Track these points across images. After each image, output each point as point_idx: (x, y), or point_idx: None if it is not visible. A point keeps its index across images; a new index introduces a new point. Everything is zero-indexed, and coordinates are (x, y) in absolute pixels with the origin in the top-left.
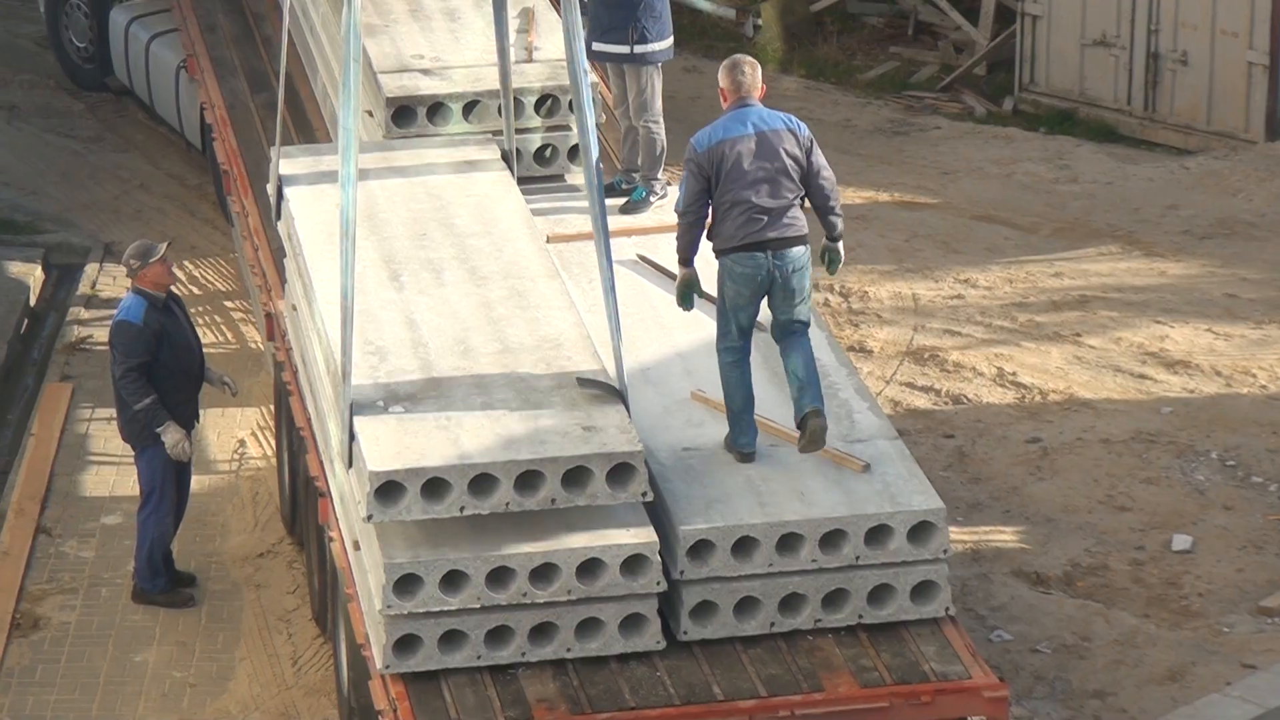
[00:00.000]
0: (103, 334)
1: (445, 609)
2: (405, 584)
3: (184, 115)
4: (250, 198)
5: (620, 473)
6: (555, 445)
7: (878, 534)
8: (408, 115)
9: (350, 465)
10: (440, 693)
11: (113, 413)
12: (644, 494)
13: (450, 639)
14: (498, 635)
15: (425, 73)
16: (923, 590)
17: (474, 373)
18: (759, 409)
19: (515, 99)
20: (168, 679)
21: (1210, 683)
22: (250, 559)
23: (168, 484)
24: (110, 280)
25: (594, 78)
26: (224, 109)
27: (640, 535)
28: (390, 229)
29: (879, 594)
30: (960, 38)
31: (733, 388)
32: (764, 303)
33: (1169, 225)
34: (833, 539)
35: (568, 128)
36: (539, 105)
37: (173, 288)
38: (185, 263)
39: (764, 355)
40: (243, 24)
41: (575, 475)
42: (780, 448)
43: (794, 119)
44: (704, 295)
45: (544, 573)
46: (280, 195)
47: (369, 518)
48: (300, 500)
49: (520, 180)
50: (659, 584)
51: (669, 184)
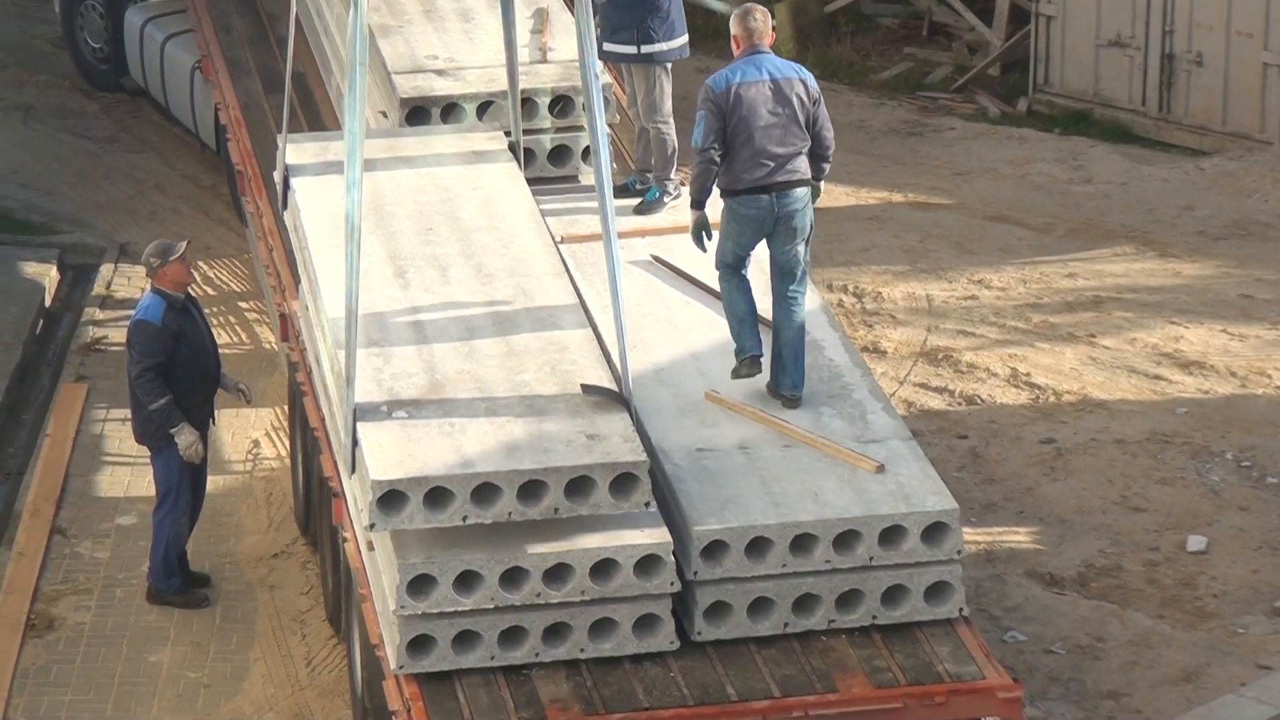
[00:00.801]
0: (118, 335)
1: (459, 609)
2: (419, 584)
3: (198, 116)
4: (264, 198)
5: (623, 482)
6: (559, 454)
7: (892, 535)
8: (422, 116)
9: (353, 471)
10: (454, 693)
11: (128, 413)
12: (646, 503)
13: (464, 639)
14: (511, 636)
15: (439, 73)
16: (937, 591)
17: (478, 376)
18: (771, 408)
19: (529, 99)
20: (182, 679)
21: (1225, 683)
22: (264, 559)
23: (183, 485)
24: (125, 281)
25: (608, 79)
26: (238, 109)
27: (654, 536)
28: (396, 222)
29: (893, 595)
30: (975, 38)
31: (735, 297)
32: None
33: (1184, 226)
34: (847, 540)
35: (581, 128)
36: (553, 106)
37: (190, 290)
38: (200, 263)
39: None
40: (257, 25)
41: (578, 484)
42: (794, 448)
43: (804, 69)
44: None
45: (558, 573)
46: (286, 184)
47: (371, 526)
48: (314, 501)
49: (534, 181)
50: (673, 584)
51: (682, 184)
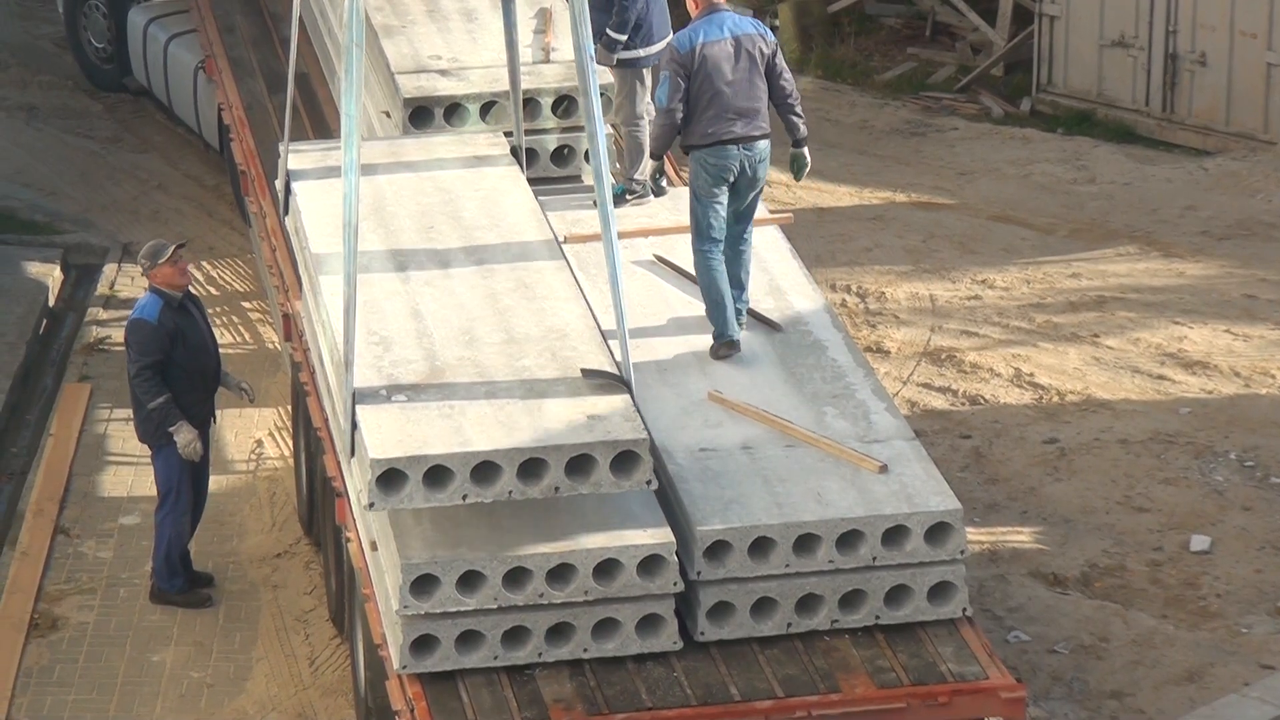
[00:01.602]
0: (121, 334)
1: (462, 609)
2: (422, 584)
3: (202, 116)
4: (268, 198)
5: (624, 461)
6: (558, 433)
7: (895, 535)
8: (425, 116)
9: (352, 454)
10: (457, 693)
11: (130, 413)
12: (649, 482)
13: (467, 639)
14: (514, 635)
15: (443, 73)
16: (940, 591)
17: (478, 363)
18: (774, 408)
19: (532, 100)
20: (185, 679)
21: (1228, 683)
22: (268, 559)
23: (184, 484)
24: (129, 280)
25: (609, 78)
26: (242, 109)
27: (657, 536)
28: (397, 222)
29: (896, 595)
30: (978, 39)
31: (716, 280)
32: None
33: (1187, 226)
34: (850, 539)
35: (584, 129)
36: (556, 106)
37: (191, 289)
38: (203, 263)
39: (780, 354)
40: (261, 25)
41: (579, 463)
42: (797, 448)
43: (760, 23)
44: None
45: (561, 573)
46: (288, 190)
47: (370, 505)
48: (317, 501)
49: (537, 181)
50: (676, 584)
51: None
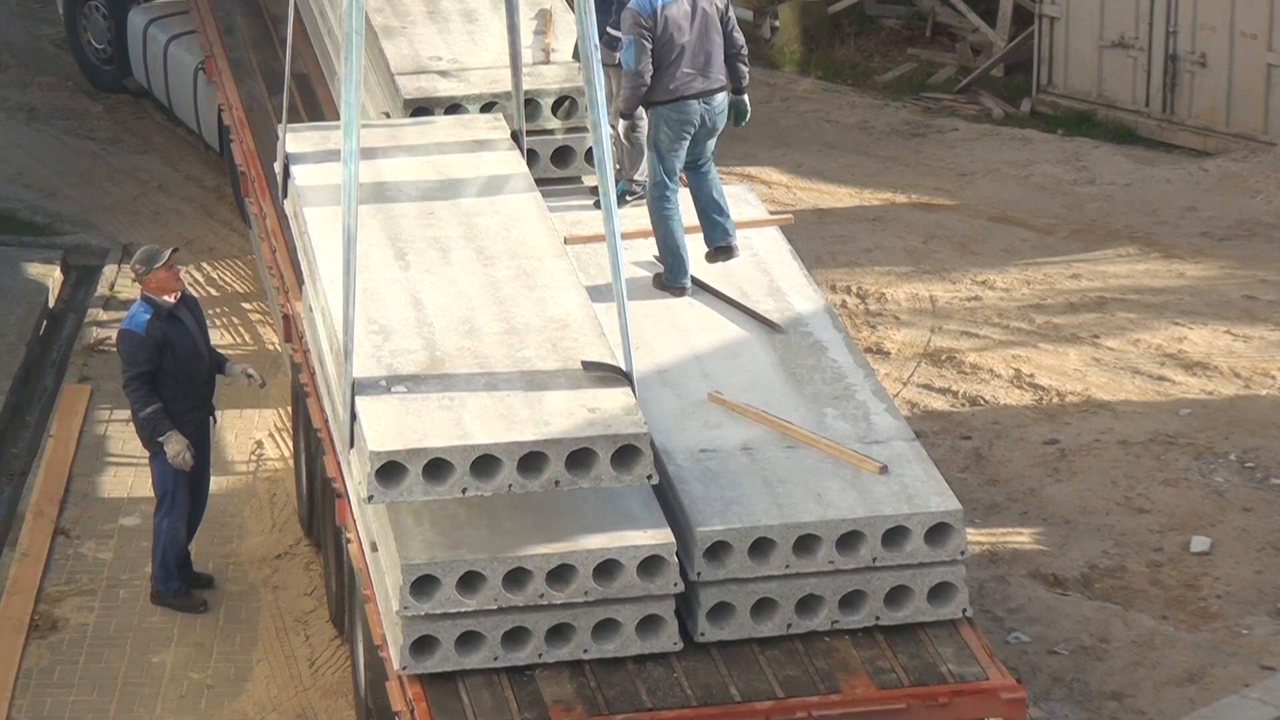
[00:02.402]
0: None
1: (462, 610)
2: (422, 585)
3: (202, 117)
4: (268, 200)
5: (625, 455)
6: (559, 427)
7: (895, 535)
8: (425, 116)
9: (351, 445)
10: (457, 694)
11: (130, 415)
12: (649, 476)
13: (467, 640)
14: (515, 636)
15: (443, 74)
16: (940, 592)
17: (479, 353)
18: (774, 409)
19: (532, 100)
20: (185, 680)
21: (1229, 684)
22: (268, 560)
23: (179, 488)
24: (128, 282)
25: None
26: (241, 111)
27: (657, 536)
28: (397, 207)
29: (896, 595)
30: (978, 39)
31: (673, 227)
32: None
33: (1187, 227)
34: (850, 540)
35: (585, 129)
36: (556, 107)
37: (190, 291)
38: (203, 264)
39: (780, 355)
40: (261, 26)
41: (579, 457)
42: (797, 449)
43: None
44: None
45: (561, 574)
46: (287, 173)
47: (370, 498)
48: (318, 502)
49: (538, 182)
50: (676, 585)
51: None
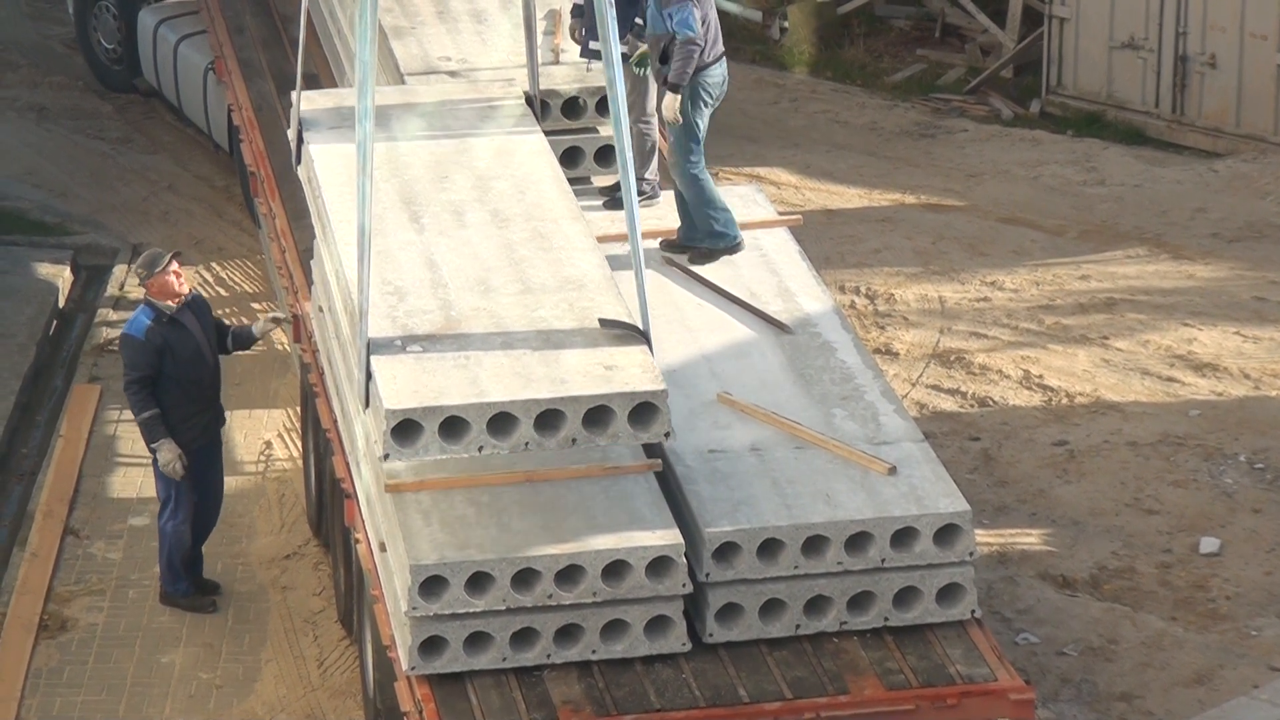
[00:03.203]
0: None
1: (471, 611)
2: (431, 586)
3: (211, 117)
4: (277, 199)
5: (642, 413)
6: (576, 384)
7: (904, 536)
8: None
9: (367, 405)
10: (466, 694)
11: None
12: (666, 434)
13: (476, 641)
14: (523, 637)
15: (452, 74)
16: (949, 593)
17: (494, 313)
18: (783, 410)
19: (542, 101)
20: (194, 680)
21: (1238, 685)
22: (277, 561)
23: (182, 491)
24: (138, 282)
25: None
26: (251, 111)
27: (666, 537)
28: (411, 170)
29: (905, 596)
30: (987, 40)
31: (713, 188)
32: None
33: (1197, 228)
34: (858, 541)
35: (593, 130)
36: (565, 108)
37: (199, 292)
38: (212, 264)
39: (789, 356)
40: (270, 26)
41: (597, 415)
42: (806, 450)
43: None
44: None
45: (569, 575)
46: (300, 139)
47: (385, 456)
48: (326, 502)
49: None
50: (684, 586)
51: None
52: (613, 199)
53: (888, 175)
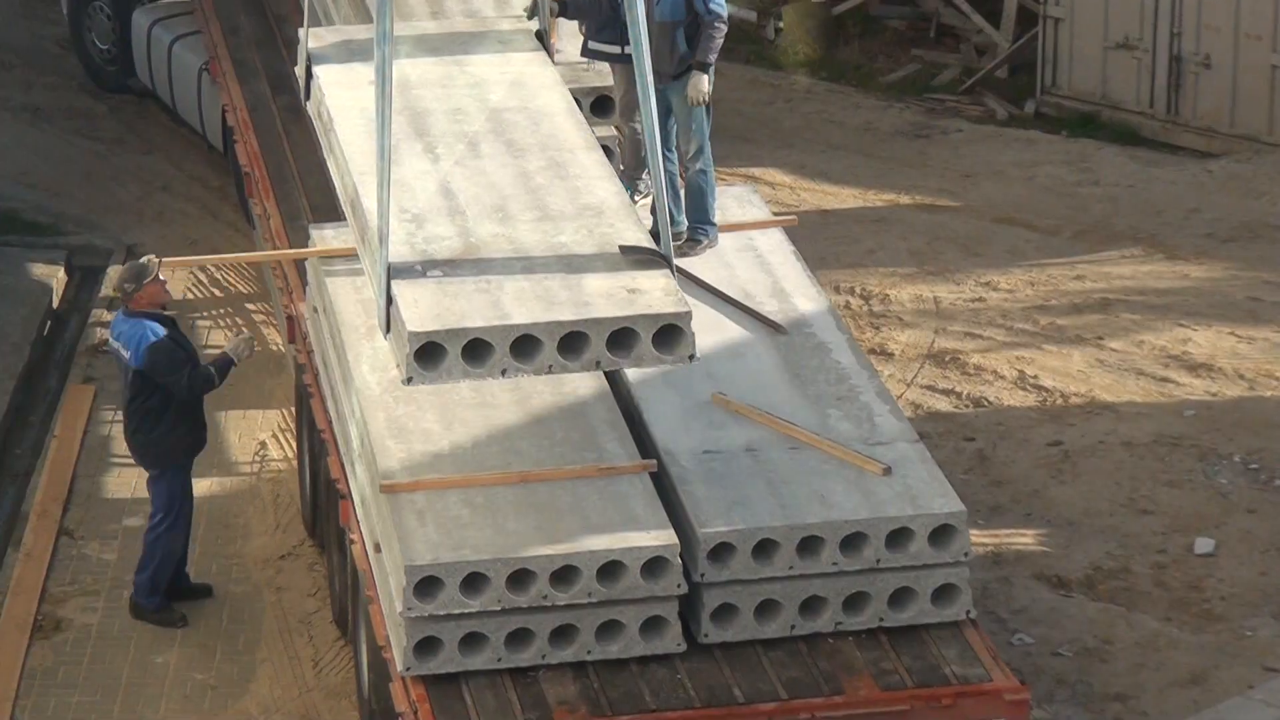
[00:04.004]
0: None
1: (466, 611)
2: (426, 586)
3: (206, 117)
4: (272, 200)
5: (666, 335)
6: (599, 306)
7: (899, 537)
8: None
9: (388, 331)
10: (460, 695)
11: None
12: (691, 356)
13: (471, 641)
14: (518, 637)
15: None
16: (943, 593)
17: (513, 239)
18: (778, 410)
19: None
20: (189, 681)
21: (1232, 686)
22: (271, 561)
23: (185, 505)
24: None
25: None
26: (246, 111)
27: (661, 538)
28: (423, 103)
29: (900, 597)
30: (982, 40)
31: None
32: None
33: (1191, 228)
34: (853, 541)
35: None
36: None
37: (167, 311)
38: (207, 265)
39: (784, 356)
40: (265, 27)
41: (620, 337)
42: (801, 450)
43: None
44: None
45: (564, 575)
46: (309, 74)
47: (409, 380)
48: (321, 503)
49: None
50: (680, 586)
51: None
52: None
53: (883, 175)
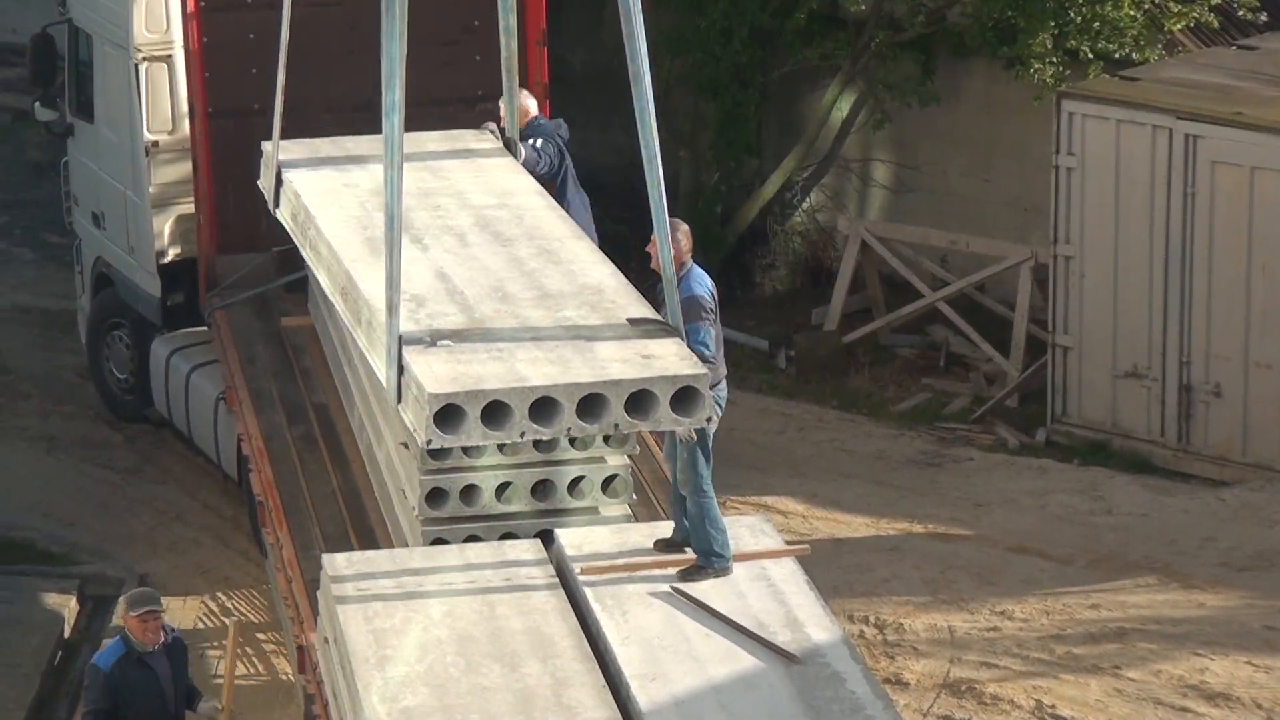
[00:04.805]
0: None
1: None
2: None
3: (221, 446)
4: (285, 529)
5: (684, 397)
6: (616, 370)
7: None
8: None
9: (399, 400)
10: None
11: None
12: (709, 419)
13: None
14: None
15: None
16: None
17: (518, 315)
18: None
19: None
20: None
21: None
22: None
23: None
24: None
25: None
26: (261, 440)
27: None
28: (404, 203)
29: None
30: (992, 369)
31: (717, 510)
32: None
33: (1206, 557)
34: None
35: None
36: None
37: (181, 637)
38: (218, 593)
39: (797, 687)
40: (282, 356)
41: (638, 401)
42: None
43: None
44: None
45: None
46: (279, 181)
47: (429, 443)
48: None
49: None
50: None
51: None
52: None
53: (895, 504)
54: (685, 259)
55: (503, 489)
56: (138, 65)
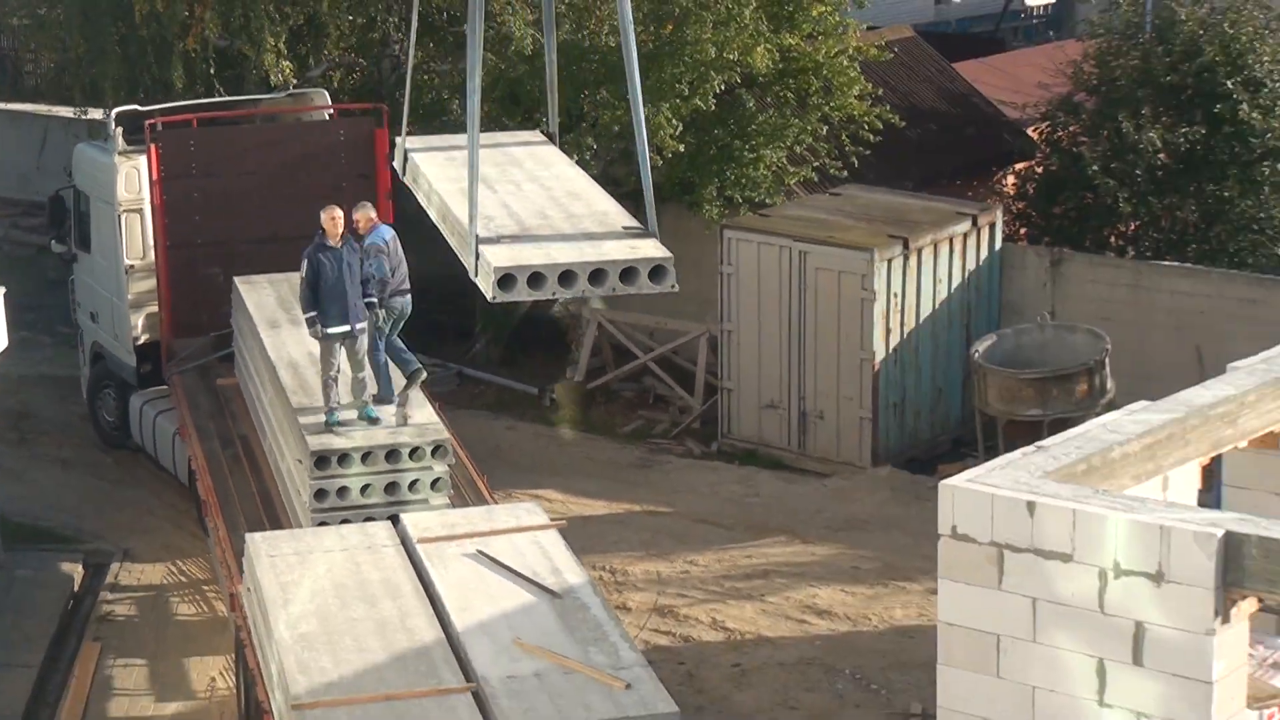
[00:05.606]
0: (122, 610)
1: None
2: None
3: (177, 464)
4: (220, 518)
5: (657, 273)
6: (614, 254)
7: None
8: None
9: (477, 273)
10: None
11: (131, 660)
12: (673, 286)
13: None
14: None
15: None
16: None
17: (553, 225)
18: (555, 649)
19: (395, 451)
20: None
21: None
22: None
23: None
24: (127, 574)
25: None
26: (203, 459)
27: None
28: (482, 170)
29: None
30: (683, 404)
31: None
32: None
33: (817, 523)
34: None
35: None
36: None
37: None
38: (177, 561)
39: (559, 612)
40: (217, 404)
41: (628, 274)
42: (570, 675)
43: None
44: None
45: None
46: (406, 158)
47: (493, 298)
48: (253, 717)
49: None
50: None
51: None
52: None
53: (622, 493)
54: (374, 225)
55: (365, 488)
56: (120, 215)
